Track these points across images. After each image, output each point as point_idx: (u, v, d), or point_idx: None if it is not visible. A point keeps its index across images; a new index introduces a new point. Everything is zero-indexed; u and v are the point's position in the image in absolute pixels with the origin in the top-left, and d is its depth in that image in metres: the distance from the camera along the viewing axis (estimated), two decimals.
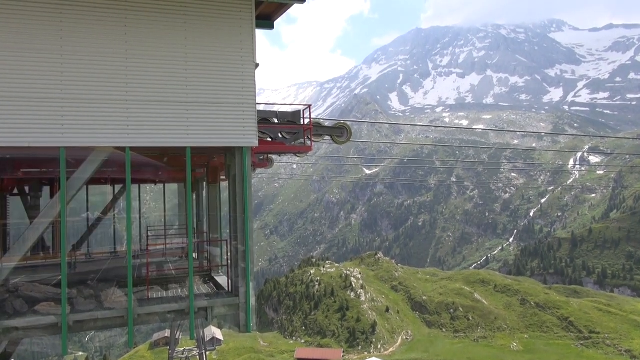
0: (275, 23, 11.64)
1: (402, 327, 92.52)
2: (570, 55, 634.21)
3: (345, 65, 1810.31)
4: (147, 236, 15.54)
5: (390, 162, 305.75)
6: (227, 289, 10.98)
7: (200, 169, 16.13)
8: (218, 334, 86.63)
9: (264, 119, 12.40)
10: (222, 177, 14.91)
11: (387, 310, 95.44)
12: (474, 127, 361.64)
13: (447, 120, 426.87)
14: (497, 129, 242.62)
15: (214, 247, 14.63)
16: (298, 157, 15.24)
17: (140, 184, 18.49)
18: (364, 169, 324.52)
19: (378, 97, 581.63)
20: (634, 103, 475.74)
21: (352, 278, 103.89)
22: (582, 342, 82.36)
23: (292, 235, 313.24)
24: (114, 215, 17.23)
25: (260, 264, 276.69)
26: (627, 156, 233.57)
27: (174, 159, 13.24)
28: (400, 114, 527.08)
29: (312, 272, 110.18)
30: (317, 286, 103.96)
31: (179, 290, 11.30)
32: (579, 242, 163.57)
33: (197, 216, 16.86)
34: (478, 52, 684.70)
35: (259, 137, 10.49)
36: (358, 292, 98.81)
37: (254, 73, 10.23)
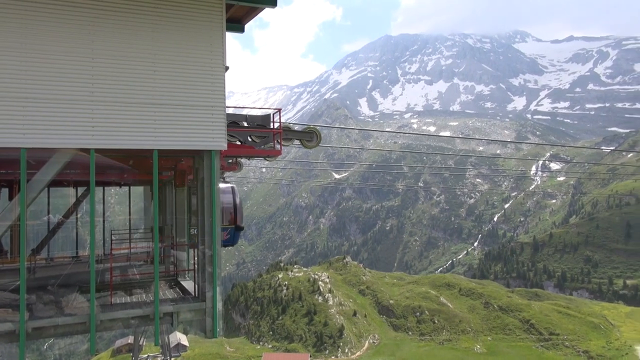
0: (247, 27, 11.63)
1: (369, 331, 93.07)
2: (533, 66, 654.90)
3: (315, 70, 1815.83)
4: (111, 240, 15.18)
5: (359, 167, 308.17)
6: (193, 293, 10.84)
7: (168, 172, 15.88)
8: (183, 339, 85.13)
9: (234, 122, 12.34)
10: (190, 180, 14.72)
11: (355, 314, 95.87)
12: (441, 133, 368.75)
13: (415, 126, 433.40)
14: (463, 136, 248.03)
15: (180, 252, 14.42)
16: (267, 160, 15.21)
17: (104, 187, 18.06)
18: (333, 174, 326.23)
19: (348, 102, 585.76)
20: (592, 113, 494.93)
21: (320, 282, 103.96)
22: (542, 344, 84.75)
23: (261, 239, 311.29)
24: (77, 218, 16.75)
25: (227, 268, 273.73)
26: (586, 164, 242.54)
27: (140, 162, 13.00)
28: (370, 120, 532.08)
29: (280, 276, 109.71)
30: (285, 290, 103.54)
31: (144, 296, 11.08)
32: (540, 247, 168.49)
33: (163, 220, 16.58)
34: (445, 60, 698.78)
35: (228, 140, 10.42)
36: (326, 296, 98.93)
37: (224, 76, 10.17)
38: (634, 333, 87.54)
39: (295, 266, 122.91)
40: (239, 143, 12.42)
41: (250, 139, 12.68)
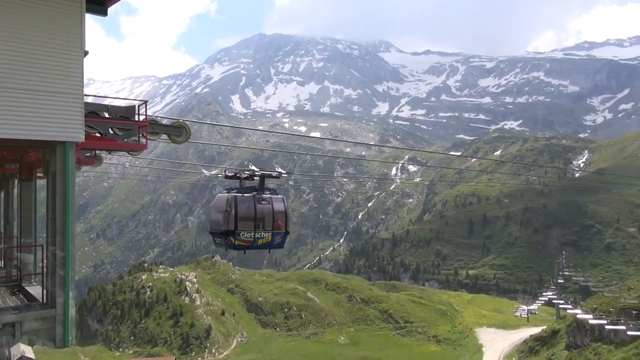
0: (111, 11, 10.77)
1: (237, 330, 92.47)
2: (396, 74, 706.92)
3: (186, 63, 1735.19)
4: None
5: (230, 164, 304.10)
6: (41, 300, 9.79)
7: (11, 165, 14.11)
8: (28, 351, 76.01)
9: (93, 112, 11.36)
10: (39, 175, 13.29)
11: (223, 313, 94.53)
12: (312, 134, 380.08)
13: (286, 125, 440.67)
14: (332, 137, 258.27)
15: (26, 254, 12.93)
16: (131, 155, 14.32)
17: None
18: (203, 170, 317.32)
19: (220, 98, 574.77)
20: (444, 121, 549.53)
21: (188, 282, 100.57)
22: (398, 332, 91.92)
23: (122, 238, 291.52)
24: None
25: (83, 271, 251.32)
26: (438, 167, 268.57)
27: None
28: (242, 117, 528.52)
29: (143, 277, 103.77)
30: (148, 292, 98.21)
31: None
32: (398, 242, 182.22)
33: (5, 218, 14.73)
34: (317, 62, 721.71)
35: (86, 131, 9.59)
36: (193, 297, 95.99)
37: (82, 61, 9.32)
38: (474, 317, 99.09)
39: (160, 266, 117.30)
40: (99, 135, 11.49)
41: (111, 132, 11.79)
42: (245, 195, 16.19)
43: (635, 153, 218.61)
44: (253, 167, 16.80)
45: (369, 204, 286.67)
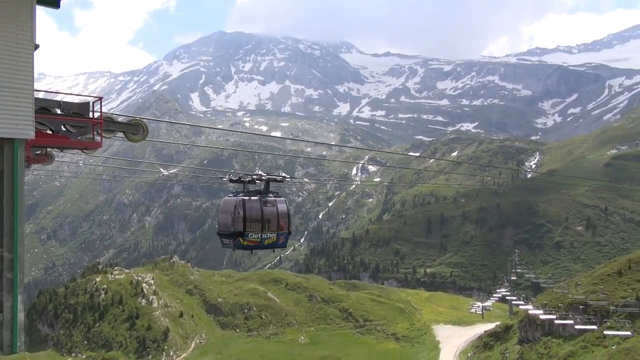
0: (65, 4, 10.36)
1: (196, 331, 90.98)
2: (356, 75, 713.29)
3: (144, 59, 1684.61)
4: None
5: (189, 163, 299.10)
6: None
7: None
8: None
9: (44, 109, 10.90)
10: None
11: (181, 315, 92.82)
12: (272, 133, 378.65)
13: (247, 124, 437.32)
14: (292, 137, 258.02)
15: None
16: (85, 153, 13.82)
17: None
18: (161, 169, 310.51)
19: (179, 95, 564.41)
20: (403, 122, 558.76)
21: (144, 284, 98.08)
22: (358, 330, 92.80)
23: (75, 239, 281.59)
24: None
25: (33, 273, 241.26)
26: (397, 167, 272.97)
27: None
28: (201, 115, 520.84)
29: (97, 279, 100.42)
30: (103, 295, 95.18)
31: None
32: (358, 241, 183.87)
33: None
34: (278, 62, 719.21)
35: (36, 128, 9.19)
36: (150, 299, 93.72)
37: (32, 54, 8.93)
38: (431, 315, 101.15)
39: (115, 268, 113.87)
40: (50, 132, 11.03)
41: (64, 129, 11.34)
42: (252, 198, 17.15)
43: (583, 155, 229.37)
44: (260, 172, 18.11)
45: (330, 204, 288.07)
